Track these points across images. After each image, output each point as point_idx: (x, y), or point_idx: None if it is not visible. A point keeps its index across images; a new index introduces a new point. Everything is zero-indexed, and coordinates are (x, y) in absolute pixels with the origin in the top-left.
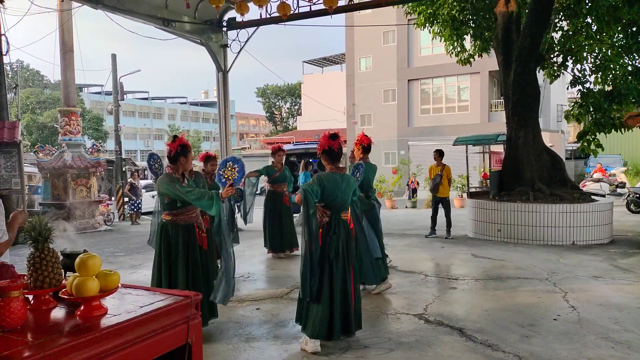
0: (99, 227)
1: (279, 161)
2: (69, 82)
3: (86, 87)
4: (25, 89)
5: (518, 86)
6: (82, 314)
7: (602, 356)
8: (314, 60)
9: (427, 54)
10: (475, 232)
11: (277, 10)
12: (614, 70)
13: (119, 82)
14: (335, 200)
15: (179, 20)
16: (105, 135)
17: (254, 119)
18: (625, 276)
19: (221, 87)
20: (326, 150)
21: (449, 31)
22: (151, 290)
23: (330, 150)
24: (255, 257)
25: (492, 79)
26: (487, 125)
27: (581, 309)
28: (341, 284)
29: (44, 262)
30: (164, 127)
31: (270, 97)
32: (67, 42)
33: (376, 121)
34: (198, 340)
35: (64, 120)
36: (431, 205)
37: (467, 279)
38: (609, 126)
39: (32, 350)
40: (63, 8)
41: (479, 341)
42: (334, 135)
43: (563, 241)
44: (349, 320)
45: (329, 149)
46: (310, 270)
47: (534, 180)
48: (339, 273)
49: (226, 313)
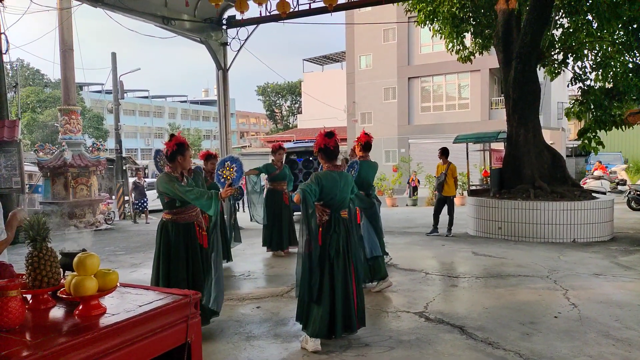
0: (100, 225)
1: (279, 159)
2: (69, 81)
3: (86, 85)
4: (26, 87)
5: (518, 84)
6: (80, 314)
7: (603, 354)
8: (314, 58)
9: (428, 51)
10: (476, 230)
11: (277, 8)
12: (614, 68)
13: (119, 80)
14: (334, 198)
15: (178, 19)
16: (106, 134)
17: (255, 117)
18: (626, 273)
19: (221, 86)
20: (322, 148)
21: (449, 29)
22: (150, 289)
23: (326, 149)
24: (256, 255)
25: (493, 77)
26: (487, 123)
27: (582, 306)
28: (342, 283)
29: (43, 261)
30: (165, 125)
31: (271, 95)
32: (67, 41)
33: (377, 119)
34: (197, 339)
35: (64, 119)
36: (434, 204)
37: (468, 277)
38: (609, 123)
39: (30, 349)
40: (63, 6)
41: (480, 339)
42: (330, 133)
43: (564, 239)
44: (350, 318)
45: (325, 147)
46: (309, 270)
47: (534, 178)
48: (340, 272)
49: (227, 312)
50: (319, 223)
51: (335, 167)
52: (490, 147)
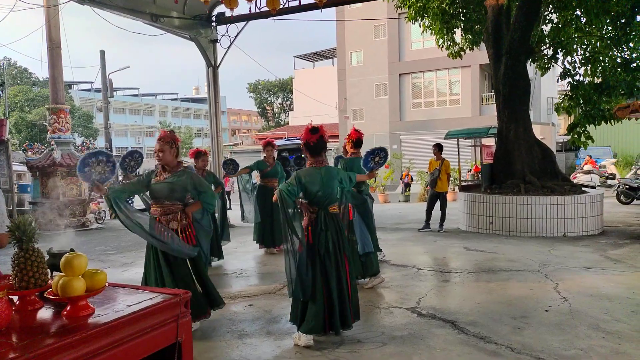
0: (90, 225)
1: (269, 156)
2: (57, 79)
3: (75, 84)
4: (13, 86)
5: (508, 79)
6: (68, 314)
7: (593, 347)
8: (305, 55)
9: (418, 47)
10: (468, 225)
11: (267, 5)
12: (603, 63)
13: (108, 78)
14: (317, 194)
15: (167, 16)
16: (96, 132)
17: (246, 115)
18: (616, 267)
19: (211, 83)
20: (305, 143)
21: (439, 25)
22: (139, 288)
23: (308, 144)
24: (248, 253)
25: (483, 73)
26: (478, 119)
27: (572, 300)
28: (336, 278)
29: (29, 262)
30: (155, 123)
31: (262, 93)
32: (55, 39)
33: (368, 116)
34: (188, 338)
35: (53, 118)
36: (427, 200)
37: (460, 272)
38: (598, 118)
39: (17, 351)
40: (49, 4)
41: (472, 334)
42: (315, 128)
43: (554, 233)
44: (345, 313)
45: (307, 142)
46: (301, 268)
47: (525, 173)
48: (333, 267)
49: (219, 310)
50: (309, 221)
51: (319, 162)
52: (481, 142)
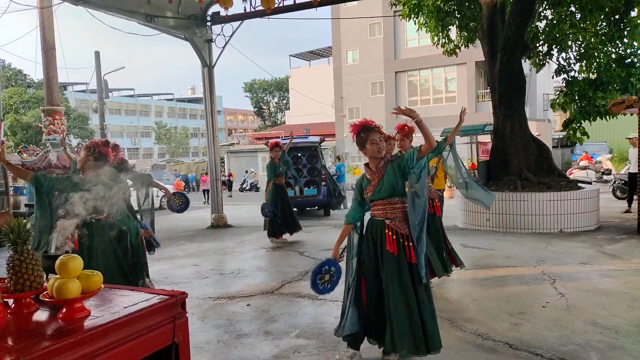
0: None
1: (276, 156)
2: (51, 81)
3: (70, 85)
4: (8, 88)
5: (504, 76)
6: (64, 317)
7: (590, 342)
8: (301, 54)
9: (414, 45)
10: (465, 222)
11: (262, 4)
12: (598, 59)
13: (104, 79)
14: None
15: (162, 16)
16: (91, 134)
17: (242, 114)
18: (612, 262)
19: (207, 83)
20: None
21: (434, 22)
22: (135, 290)
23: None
24: (246, 253)
25: (479, 70)
26: (474, 116)
27: (569, 295)
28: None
29: (24, 264)
30: (151, 124)
31: (258, 92)
32: (49, 40)
33: (364, 114)
34: (185, 339)
35: (48, 119)
36: None
37: (457, 269)
38: (594, 114)
39: (12, 354)
40: (43, 5)
41: (469, 330)
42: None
43: (551, 229)
44: (383, 328)
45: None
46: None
47: (521, 169)
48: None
49: (217, 310)
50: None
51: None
52: (477, 139)
